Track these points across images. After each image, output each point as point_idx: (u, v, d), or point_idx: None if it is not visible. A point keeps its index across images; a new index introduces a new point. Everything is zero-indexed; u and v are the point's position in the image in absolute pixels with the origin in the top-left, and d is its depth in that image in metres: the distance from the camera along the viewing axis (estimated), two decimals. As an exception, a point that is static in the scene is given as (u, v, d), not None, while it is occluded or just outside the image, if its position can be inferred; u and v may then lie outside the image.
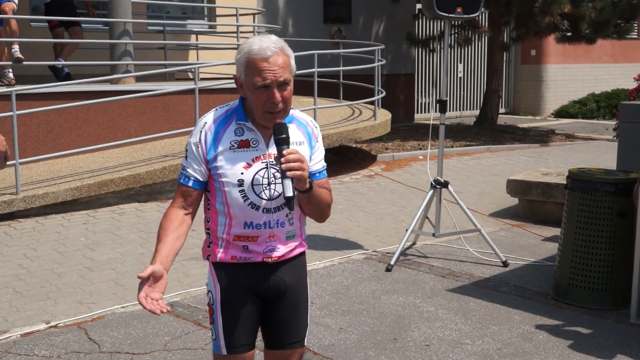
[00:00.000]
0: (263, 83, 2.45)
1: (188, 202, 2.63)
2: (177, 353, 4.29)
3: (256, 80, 2.46)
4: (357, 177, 9.84)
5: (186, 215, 2.63)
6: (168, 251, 2.52)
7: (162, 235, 2.56)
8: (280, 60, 2.47)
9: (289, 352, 2.74)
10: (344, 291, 5.39)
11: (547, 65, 18.45)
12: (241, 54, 2.49)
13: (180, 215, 2.61)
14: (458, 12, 6.00)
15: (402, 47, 15.88)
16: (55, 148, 8.31)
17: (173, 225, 2.58)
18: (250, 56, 2.46)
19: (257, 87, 2.46)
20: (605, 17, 12.99)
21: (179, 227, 2.59)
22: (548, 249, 6.44)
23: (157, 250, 2.52)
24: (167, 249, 2.53)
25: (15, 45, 8.63)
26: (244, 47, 2.49)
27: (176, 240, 2.57)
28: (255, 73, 2.46)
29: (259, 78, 2.45)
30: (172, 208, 2.63)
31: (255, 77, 2.46)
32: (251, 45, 2.47)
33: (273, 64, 2.45)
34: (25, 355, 4.27)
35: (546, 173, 7.92)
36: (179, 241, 2.59)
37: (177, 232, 2.58)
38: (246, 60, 2.47)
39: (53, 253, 6.22)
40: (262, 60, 2.45)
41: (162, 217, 2.63)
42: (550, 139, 13.42)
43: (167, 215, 2.62)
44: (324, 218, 2.71)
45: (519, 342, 4.47)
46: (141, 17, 12.22)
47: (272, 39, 2.48)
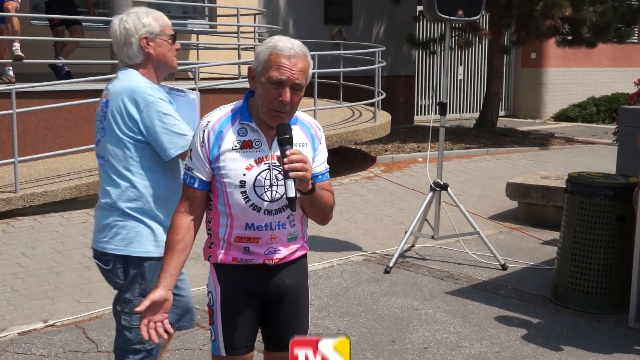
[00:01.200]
0: (279, 78, 2.45)
1: (194, 207, 2.62)
2: (175, 353, 4.28)
3: (273, 74, 2.46)
4: (357, 178, 9.84)
5: (192, 221, 2.62)
6: (174, 268, 2.58)
7: (167, 250, 2.60)
8: (300, 64, 2.48)
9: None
10: (343, 292, 5.39)
11: (547, 68, 18.45)
12: (264, 46, 2.50)
13: (187, 223, 2.61)
14: (459, 15, 6.01)
15: (402, 48, 15.88)
16: (55, 147, 8.30)
17: (179, 236, 2.60)
18: (274, 50, 2.47)
19: (272, 81, 2.46)
20: (606, 21, 13.00)
21: (185, 237, 2.60)
22: (547, 252, 6.44)
23: (163, 270, 2.57)
24: (173, 265, 2.58)
25: (16, 43, 8.63)
26: (269, 41, 2.50)
27: (182, 253, 2.60)
28: (273, 67, 2.46)
29: (276, 72, 2.46)
30: (177, 215, 2.62)
31: (273, 71, 2.46)
32: (277, 41, 2.49)
33: (294, 65, 2.46)
34: (22, 353, 4.26)
35: (545, 176, 7.92)
36: (185, 252, 2.62)
37: (183, 243, 2.60)
38: (268, 53, 2.48)
39: (52, 252, 6.21)
40: (284, 57, 2.46)
41: (170, 226, 2.63)
42: (549, 143, 13.43)
43: (173, 224, 2.62)
44: (325, 220, 2.71)
45: (517, 346, 4.47)
46: (142, 16, 12.18)
47: (298, 42, 2.50)
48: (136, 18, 3.05)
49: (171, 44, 3.12)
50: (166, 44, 3.10)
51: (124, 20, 3.07)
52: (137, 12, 3.09)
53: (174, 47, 3.14)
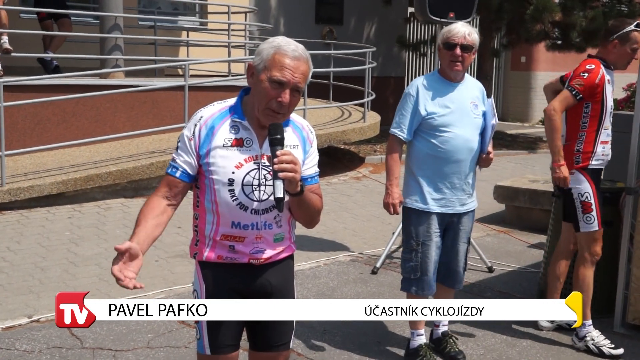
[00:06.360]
0: (280, 79, 2.45)
1: (172, 193, 2.59)
2: (160, 350, 4.27)
3: (275, 74, 2.46)
4: (345, 178, 9.84)
5: (169, 206, 2.58)
6: (146, 236, 2.48)
7: (141, 220, 2.52)
8: (303, 67, 2.49)
9: (275, 354, 2.73)
10: (329, 292, 5.38)
11: (536, 72, 18.50)
12: (269, 45, 2.50)
13: (163, 205, 2.57)
14: (450, 17, 6.02)
15: (392, 49, 15.89)
16: (42, 141, 8.25)
17: (154, 213, 2.54)
18: (279, 50, 2.47)
19: (273, 80, 2.46)
20: (595, 26, 13.03)
21: (160, 216, 2.55)
22: (533, 255, 6.46)
23: (135, 233, 2.48)
24: (146, 233, 2.48)
25: (4, 37, 8.57)
26: (274, 41, 2.50)
27: (155, 228, 2.52)
28: (277, 67, 2.46)
29: (279, 73, 2.45)
30: (154, 196, 2.58)
31: (276, 70, 2.46)
32: (282, 42, 2.49)
33: (296, 67, 2.47)
34: (6, 349, 4.23)
35: (533, 180, 7.95)
36: (158, 229, 2.54)
37: (157, 219, 2.53)
38: (273, 52, 2.48)
39: (37, 247, 6.17)
40: (288, 59, 2.46)
41: (144, 204, 2.58)
42: (538, 146, 13.48)
43: (148, 202, 2.57)
44: (312, 224, 2.70)
45: (502, 348, 4.48)
46: (132, 11, 12.15)
47: (301, 46, 2.51)
48: None
49: None
50: None
51: None
52: None
53: None
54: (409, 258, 4.15)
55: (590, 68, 4.36)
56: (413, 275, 4.14)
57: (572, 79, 4.40)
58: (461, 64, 3.99)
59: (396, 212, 4.11)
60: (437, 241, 4.12)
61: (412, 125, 4.08)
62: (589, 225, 4.44)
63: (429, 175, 4.07)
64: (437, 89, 4.07)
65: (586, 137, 4.42)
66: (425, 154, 4.07)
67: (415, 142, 4.12)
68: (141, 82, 9.08)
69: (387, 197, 4.10)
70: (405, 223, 4.18)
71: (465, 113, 4.04)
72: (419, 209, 4.09)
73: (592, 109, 4.38)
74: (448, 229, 4.17)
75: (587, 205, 4.42)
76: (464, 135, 4.03)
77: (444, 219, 4.11)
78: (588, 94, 4.34)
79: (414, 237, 4.12)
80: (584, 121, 4.41)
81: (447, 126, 4.01)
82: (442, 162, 4.03)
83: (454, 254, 4.21)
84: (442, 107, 4.02)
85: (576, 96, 4.33)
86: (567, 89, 4.37)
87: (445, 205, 4.08)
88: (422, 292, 4.13)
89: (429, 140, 4.04)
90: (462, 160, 4.05)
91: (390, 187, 4.10)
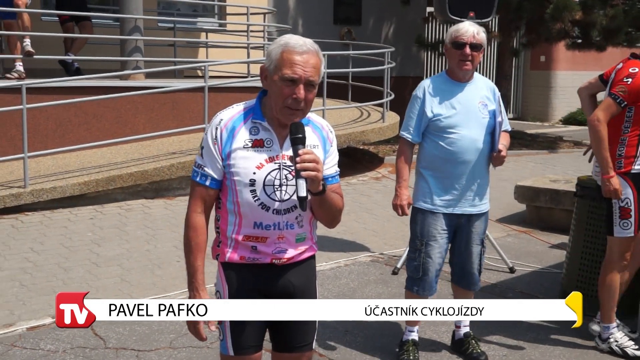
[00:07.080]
0: (291, 76, 2.45)
1: (207, 205, 2.64)
2: (182, 351, 4.29)
3: (286, 71, 2.46)
4: (365, 179, 9.83)
5: (206, 220, 2.65)
6: (203, 268, 2.64)
7: (196, 251, 2.62)
8: (313, 61, 2.48)
9: (297, 354, 2.74)
10: (350, 293, 5.38)
11: (556, 71, 18.39)
12: (276, 45, 2.50)
13: (203, 223, 2.63)
14: (470, 17, 5.98)
15: (411, 49, 15.86)
16: (64, 142, 8.32)
17: (204, 237, 2.63)
18: (286, 48, 2.48)
19: (285, 79, 2.46)
20: (616, 25, 12.93)
21: (204, 234, 2.64)
22: (555, 256, 6.42)
23: (197, 271, 2.62)
24: (203, 265, 2.64)
25: (26, 39, 8.65)
26: (281, 40, 2.51)
27: (204, 253, 2.66)
28: (286, 65, 2.46)
29: (289, 70, 2.46)
30: (194, 215, 2.62)
31: (286, 69, 2.46)
32: (289, 39, 2.49)
33: (306, 62, 2.46)
34: (31, 349, 4.27)
35: (554, 180, 7.89)
36: (205, 252, 2.68)
37: (205, 243, 2.64)
38: (281, 51, 2.48)
39: (60, 247, 6.22)
40: (296, 54, 2.46)
41: (189, 227, 2.62)
42: (558, 146, 13.39)
43: (192, 225, 2.61)
44: (334, 223, 2.70)
45: (525, 349, 4.45)
46: (152, 13, 12.23)
47: (309, 40, 2.51)
48: None
49: None
50: None
51: None
52: None
53: None
54: (413, 257, 4.17)
55: (634, 72, 4.18)
56: (416, 274, 4.15)
57: (615, 85, 4.23)
58: (470, 62, 3.98)
59: (405, 214, 4.13)
60: (442, 242, 4.11)
61: (420, 127, 4.08)
62: (625, 231, 4.32)
63: (437, 176, 4.07)
64: (444, 90, 4.07)
65: (628, 141, 4.26)
66: (433, 155, 4.07)
67: (424, 144, 4.13)
68: (161, 84, 9.13)
69: (396, 198, 4.14)
70: (412, 223, 4.20)
71: (473, 113, 4.03)
72: (426, 209, 4.09)
73: (635, 113, 4.21)
74: (459, 231, 4.15)
75: (626, 211, 4.30)
76: (471, 136, 4.01)
77: (452, 220, 4.10)
78: (632, 100, 4.17)
79: (418, 236, 4.13)
80: (626, 125, 4.25)
81: (454, 127, 4.00)
82: (450, 163, 4.03)
83: (467, 255, 4.20)
84: (448, 109, 4.02)
85: (620, 104, 4.17)
86: (611, 96, 4.21)
87: (453, 206, 4.07)
88: (422, 293, 4.14)
89: (437, 142, 4.04)
90: (470, 161, 4.03)
91: (398, 189, 4.12)
